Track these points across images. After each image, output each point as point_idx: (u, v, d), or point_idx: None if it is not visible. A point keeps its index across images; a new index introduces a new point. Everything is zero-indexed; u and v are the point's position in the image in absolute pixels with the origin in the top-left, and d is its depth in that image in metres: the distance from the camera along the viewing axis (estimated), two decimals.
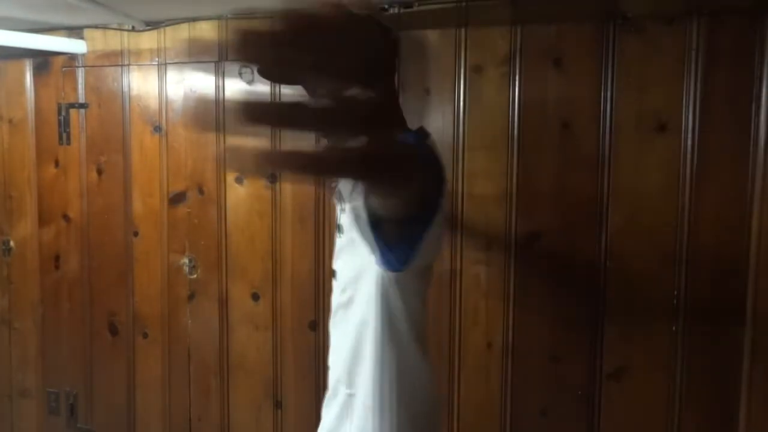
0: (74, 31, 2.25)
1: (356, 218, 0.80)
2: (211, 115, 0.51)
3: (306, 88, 0.89)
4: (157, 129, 2.19)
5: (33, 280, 2.42)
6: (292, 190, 2.03)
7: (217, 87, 2.10)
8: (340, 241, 1.16)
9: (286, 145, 0.44)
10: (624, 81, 1.68)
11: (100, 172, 2.28)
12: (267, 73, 0.94)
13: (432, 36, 1.81)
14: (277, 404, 2.11)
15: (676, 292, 1.68)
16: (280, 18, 0.44)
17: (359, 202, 0.78)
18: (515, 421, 1.85)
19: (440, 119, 1.84)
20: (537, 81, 1.76)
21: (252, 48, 0.44)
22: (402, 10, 1.85)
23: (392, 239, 0.84)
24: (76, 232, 2.33)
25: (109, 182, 2.27)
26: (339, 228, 1.16)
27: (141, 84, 2.20)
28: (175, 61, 2.14)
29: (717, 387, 1.67)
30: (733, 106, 1.61)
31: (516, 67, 1.77)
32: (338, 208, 1.17)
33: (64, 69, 2.28)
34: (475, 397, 1.87)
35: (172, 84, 2.16)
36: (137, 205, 2.24)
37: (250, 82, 2.05)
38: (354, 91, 0.46)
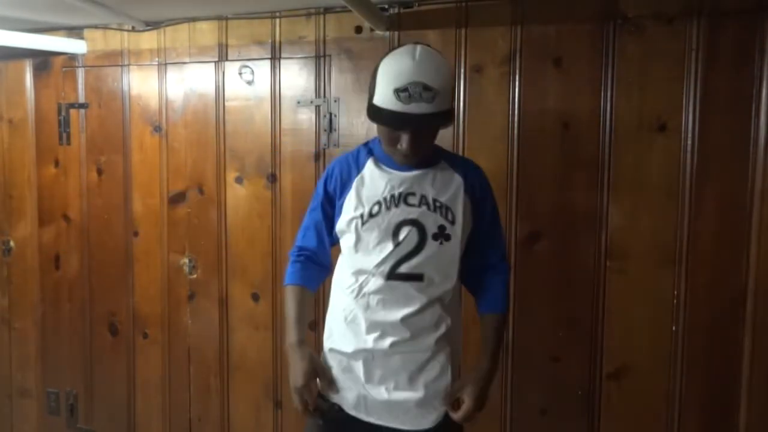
0: (74, 31, 2.25)
1: None
2: None
3: None
4: (157, 129, 2.19)
5: (33, 280, 2.43)
6: (292, 191, 2.03)
7: (217, 86, 2.10)
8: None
9: None
10: (624, 81, 1.68)
11: (100, 172, 2.28)
12: None
13: (432, 36, 1.81)
14: (277, 404, 2.11)
15: (676, 292, 1.68)
16: None
17: None
18: (515, 421, 1.85)
19: None
20: (537, 81, 1.76)
21: None
22: (402, 10, 1.85)
23: None
24: (76, 232, 2.33)
25: (109, 182, 2.27)
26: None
27: (141, 84, 2.20)
28: (175, 61, 2.14)
29: (717, 387, 1.67)
30: (733, 106, 1.61)
31: (516, 67, 1.77)
32: None
33: (64, 69, 2.28)
34: None
35: (172, 84, 2.16)
36: (137, 205, 2.24)
37: (250, 83, 2.05)
38: None
